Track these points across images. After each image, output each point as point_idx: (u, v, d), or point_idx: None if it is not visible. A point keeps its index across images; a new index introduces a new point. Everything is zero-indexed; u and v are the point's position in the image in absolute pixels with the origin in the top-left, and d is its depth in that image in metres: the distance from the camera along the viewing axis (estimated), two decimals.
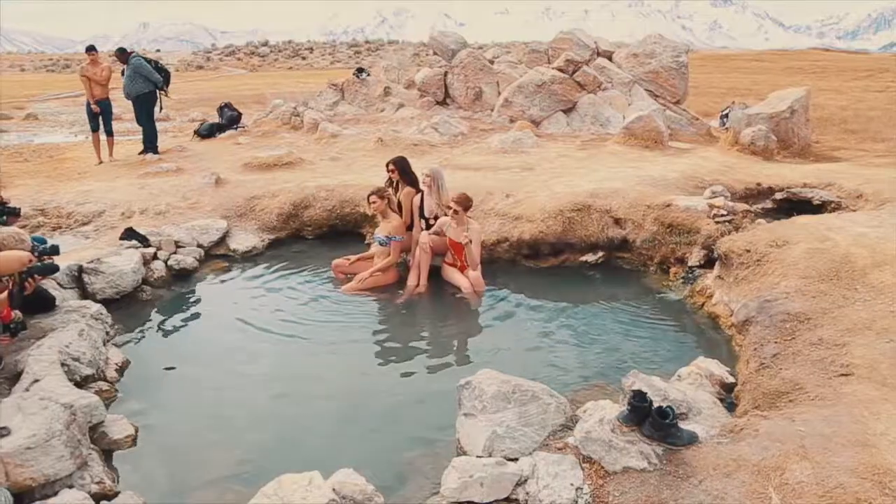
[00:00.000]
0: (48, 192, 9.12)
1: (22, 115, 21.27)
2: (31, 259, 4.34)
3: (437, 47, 14.93)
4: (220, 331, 5.75)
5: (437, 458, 3.80)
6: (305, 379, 4.86)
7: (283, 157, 9.91)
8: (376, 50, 68.77)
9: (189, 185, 8.89)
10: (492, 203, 7.56)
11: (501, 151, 10.26)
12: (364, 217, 7.84)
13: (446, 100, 13.93)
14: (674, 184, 8.09)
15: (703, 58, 41.95)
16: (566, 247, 7.18)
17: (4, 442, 3.24)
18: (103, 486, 3.50)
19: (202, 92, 29.45)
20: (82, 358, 4.55)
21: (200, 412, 4.42)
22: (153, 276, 6.60)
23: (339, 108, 14.18)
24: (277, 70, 56.97)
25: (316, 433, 4.17)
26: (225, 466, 3.82)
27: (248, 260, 7.43)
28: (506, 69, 13.88)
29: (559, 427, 3.64)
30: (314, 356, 5.20)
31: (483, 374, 3.77)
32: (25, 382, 4.03)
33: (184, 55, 73.89)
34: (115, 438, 3.94)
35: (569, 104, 12.59)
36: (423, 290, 6.36)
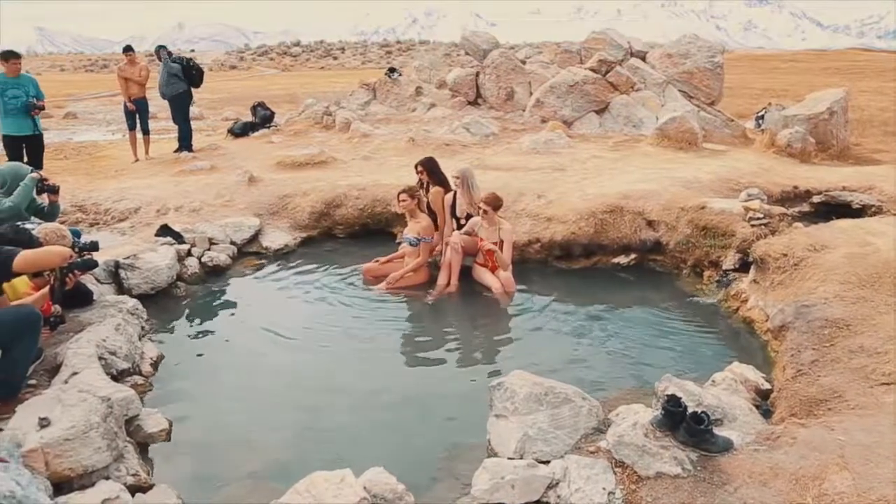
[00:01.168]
0: (87, 188, 9.31)
1: (62, 113, 21.74)
2: (72, 255, 4.42)
3: (468, 47, 14.91)
4: (251, 328, 5.81)
5: (467, 459, 3.78)
6: (336, 377, 4.89)
7: (316, 157, 9.99)
8: (407, 50, 68.98)
9: (223, 183, 9.00)
10: (523, 204, 7.53)
11: (533, 152, 10.22)
12: (395, 216, 7.86)
13: (478, 100, 13.91)
14: (708, 186, 7.98)
15: (737, 58, 41.28)
16: (598, 248, 7.13)
17: (45, 432, 3.31)
18: (138, 478, 3.55)
19: (235, 91, 29.83)
20: (119, 352, 4.63)
21: (232, 408, 4.47)
22: (187, 272, 6.70)
23: (371, 107, 14.24)
24: (309, 70, 57.44)
25: (346, 432, 4.19)
26: (256, 462, 3.85)
27: (280, 258, 7.50)
28: (538, 69, 13.81)
29: (591, 430, 3.61)
30: (345, 355, 5.23)
31: (515, 376, 3.75)
32: (64, 375, 4.11)
33: (217, 55, 74.87)
34: (150, 432, 4.00)
35: (601, 105, 12.48)
36: (453, 291, 6.36)
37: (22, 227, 4.57)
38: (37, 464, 3.21)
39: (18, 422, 3.41)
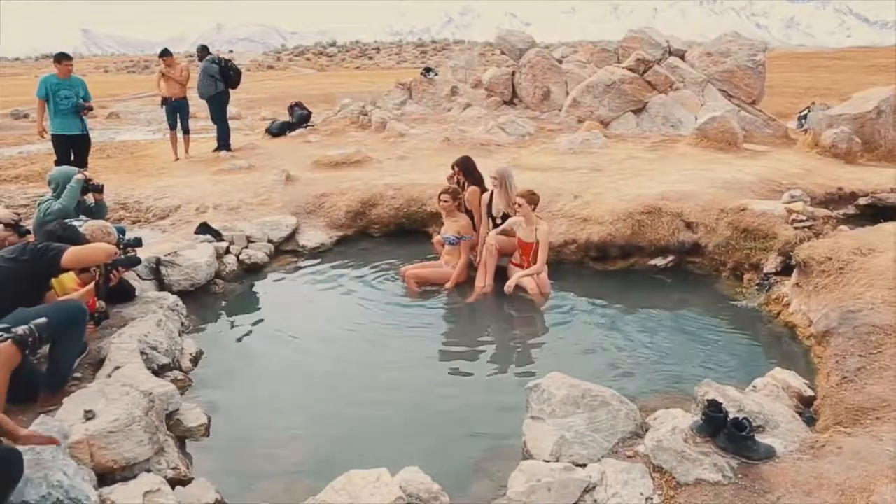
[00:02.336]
0: (129, 187, 9.53)
1: (105, 113, 22.27)
2: (117, 252, 4.53)
3: (504, 47, 14.87)
4: (288, 325, 5.87)
5: (502, 461, 3.77)
6: (371, 376, 4.91)
7: (352, 156, 10.06)
8: (442, 50, 69.12)
9: (260, 181, 9.12)
10: (559, 204, 7.48)
11: (569, 152, 10.14)
12: (431, 216, 7.88)
13: (513, 99, 13.86)
14: (749, 187, 7.83)
15: (779, 56, 40.44)
16: (635, 250, 7.04)
17: (90, 425, 3.38)
18: (178, 471, 3.61)
19: (272, 91, 30.23)
20: (160, 347, 4.71)
21: (269, 404, 4.52)
22: (225, 269, 6.80)
23: (407, 107, 14.29)
24: (345, 70, 57.93)
25: (381, 431, 4.20)
26: (292, 459, 3.89)
27: (316, 256, 7.57)
28: (574, 69, 13.71)
29: (629, 434, 3.56)
30: (380, 354, 5.25)
31: (552, 378, 3.72)
32: (108, 369, 4.20)
33: (255, 55, 75.96)
34: (189, 427, 4.06)
35: (639, 104, 12.34)
36: (489, 291, 6.34)
37: (69, 224, 4.69)
38: (82, 455, 3.28)
39: (65, 414, 3.50)
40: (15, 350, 2.83)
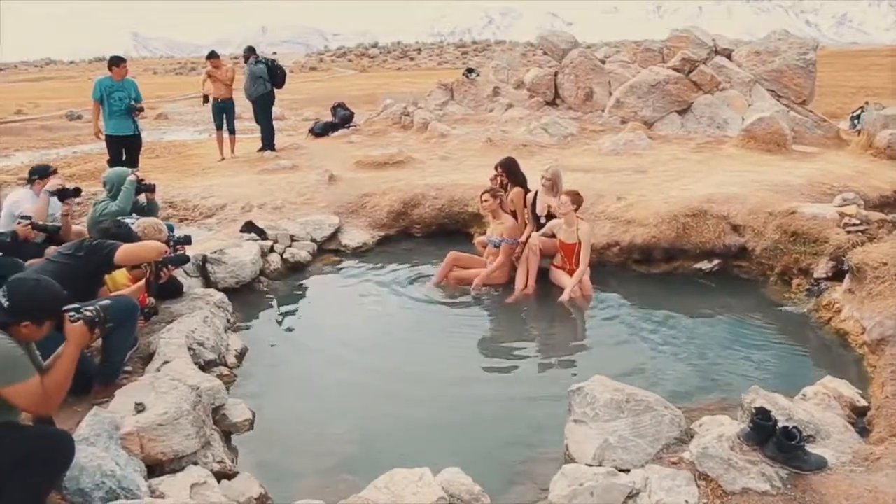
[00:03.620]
0: (177, 185, 9.73)
1: (154, 114, 22.83)
2: (167, 251, 4.64)
3: (547, 47, 14.77)
4: (330, 324, 5.95)
5: (543, 463, 3.76)
6: (412, 376, 4.93)
7: (394, 156, 10.12)
8: (483, 50, 69.03)
9: (304, 181, 9.24)
10: (602, 206, 7.41)
11: (613, 153, 10.03)
12: (473, 217, 7.88)
13: (556, 100, 13.76)
14: (798, 190, 7.63)
15: (830, 55, 39.33)
16: (680, 253, 6.93)
17: (140, 417, 3.47)
18: (224, 465, 3.68)
19: (315, 92, 30.59)
20: (206, 343, 4.80)
21: (312, 402, 4.59)
22: (269, 267, 6.91)
23: (449, 107, 14.30)
24: (386, 70, 58.31)
25: (421, 431, 4.23)
26: (334, 456, 3.93)
27: (358, 255, 7.64)
28: (617, 69, 13.55)
29: (673, 440, 3.51)
30: (421, 354, 5.28)
31: (596, 381, 3.69)
32: (157, 363, 4.30)
33: (298, 57, 77.05)
34: (235, 422, 4.13)
35: (684, 105, 12.12)
36: (530, 293, 6.31)
37: (123, 222, 4.83)
38: (133, 446, 3.37)
39: (117, 406, 3.60)
40: (85, 329, 2.93)
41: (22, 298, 2.71)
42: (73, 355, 2.88)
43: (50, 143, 17.12)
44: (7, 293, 2.70)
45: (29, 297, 2.73)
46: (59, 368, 2.82)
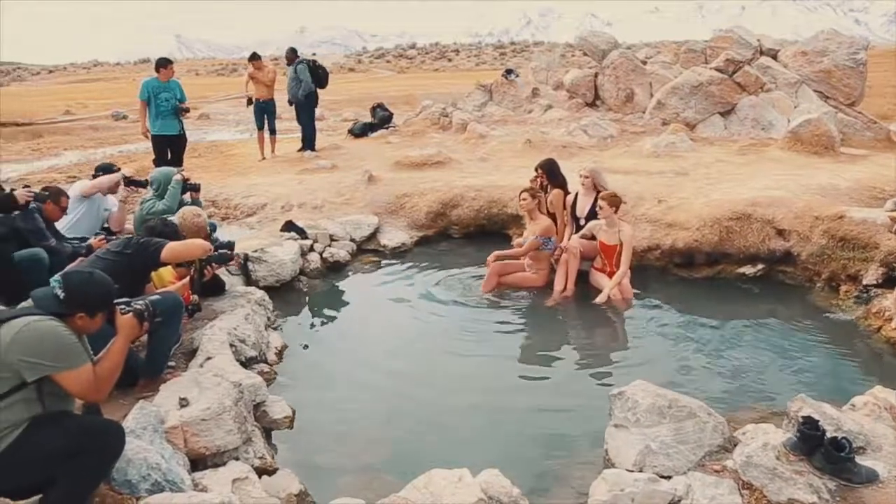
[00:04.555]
0: (219, 184, 9.91)
1: (196, 114, 23.27)
2: (211, 248, 4.73)
3: (586, 48, 14.64)
4: (369, 323, 5.99)
5: (581, 468, 3.73)
6: (450, 378, 4.94)
7: (433, 157, 10.15)
8: (521, 51, 68.87)
9: (343, 181, 9.32)
10: (643, 208, 7.32)
11: (654, 155, 9.90)
12: (511, 218, 7.86)
13: (596, 101, 13.63)
14: (846, 194, 7.44)
15: (881, 54, 38.08)
16: (722, 257, 6.81)
17: (184, 412, 3.54)
18: (264, 461, 3.72)
19: (353, 93, 30.82)
20: (247, 340, 4.87)
21: (351, 400, 4.62)
22: (309, 267, 6.98)
23: (487, 108, 14.27)
24: (424, 71, 58.53)
25: (459, 432, 4.22)
26: (372, 456, 3.95)
27: (397, 256, 7.69)
28: (659, 70, 13.35)
29: (716, 448, 3.44)
30: (459, 355, 5.26)
31: (637, 386, 3.64)
32: (200, 359, 4.38)
33: (337, 58, 77.73)
34: (275, 418, 4.17)
35: (727, 106, 11.89)
36: (569, 295, 6.27)
37: (169, 221, 4.94)
38: (177, 440, 3.44)
39: (161, 400, 3.67)
40: (135, 322, 3.01)
41: (76, 290, 2.79)
42: (122, 346, 2.96)
43: (97, 142, 17.59)
44: (63, 285, 2.78)
45: (83, 289, 2.81)
46: (110, 358, 2.90)
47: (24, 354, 2.59)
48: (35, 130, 20.08)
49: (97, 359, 2.90)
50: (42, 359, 2.61)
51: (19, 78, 79.81)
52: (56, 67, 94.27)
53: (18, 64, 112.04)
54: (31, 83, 68.70)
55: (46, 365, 2.62)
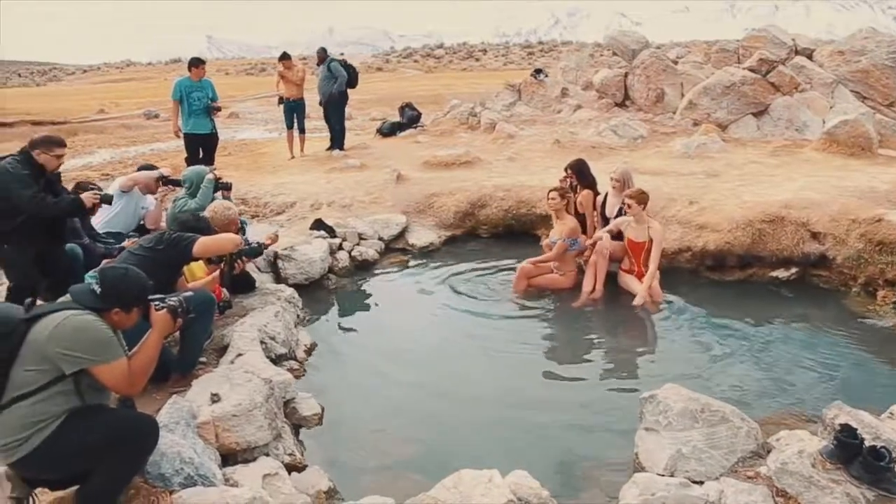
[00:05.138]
0: (248, 183, 10.00)
1: (226, 113, 23.54)
2: (242, 242, 4.77)
3: (616, 47, 14.52)
4: (397, 322, 6.01)
5: (610, 470, 3.70)
6: (478, 378, 4.93)
7: (461, 157, 10.14)
8: (549, 51, 68.53)
9: (372, 180, 9.35)
10: (674, 210, 7.23)
11: (684, 156, 9.78)
12: (540, 218, 7.82)
13: (625, 101, 13.50)
14: (885, 197, 7.25)
15: None
16: (755, 260, 6.70)
17: (216, 407, 3.58)
18: (294, 458, 3.76)
19: (381, 92, 30.93)
20: (277, 337, 4.92)
21: (379, 399, 4.63)
22: (338, 265, 7.02)
23: (516, 108, 14.21)
24: (452, 71, 58.52)
25: (487, 433, 4.20)
26: (401, 454, 3.96)
27: (425, 255, 7.69)
28: (690, 70, 13.18)
29: (749, 454, 3.39)
30: (487, 356, 5.25)
31: (669, 390, 3.60)
32: (231, 356, 4.43)
33: (364, 58, 78.11)
34: (304, 415, 4.22)
35: (760, 107, 11.69)
36: (598, 297, 6.22)
37: (201, 216, 5.00)
38: (208, 435, 3.48)
39: (193, 395, 3.72)
40: (169, 318, 3.06)
41: (113, 286, 2.84)
42: (157, 341, 3.00)
43: (129, 140, 17.88)
44: (99, 280, 2.83)
45: (119, 285, 2.86)
46: (145, 352, 2.94)
47: (62, 347, 2.64)
48: (70, 129, 20.50)
49: (131, 353, 2.95)
50: (79, 351, 2.66)
51: (55, 78, 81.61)
52: (90, 67, 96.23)
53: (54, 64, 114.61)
54: (67, 83, 70.16)
55: (83, 358, 2.67)
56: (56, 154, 4.75)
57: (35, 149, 4.67)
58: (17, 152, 4.73)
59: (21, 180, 4.53)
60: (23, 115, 23.12)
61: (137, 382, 2.89)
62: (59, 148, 4.78)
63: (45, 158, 4.68)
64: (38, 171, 4.65)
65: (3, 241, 4.68)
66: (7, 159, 4.64)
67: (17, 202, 4.53)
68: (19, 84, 72.69)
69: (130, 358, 2.88)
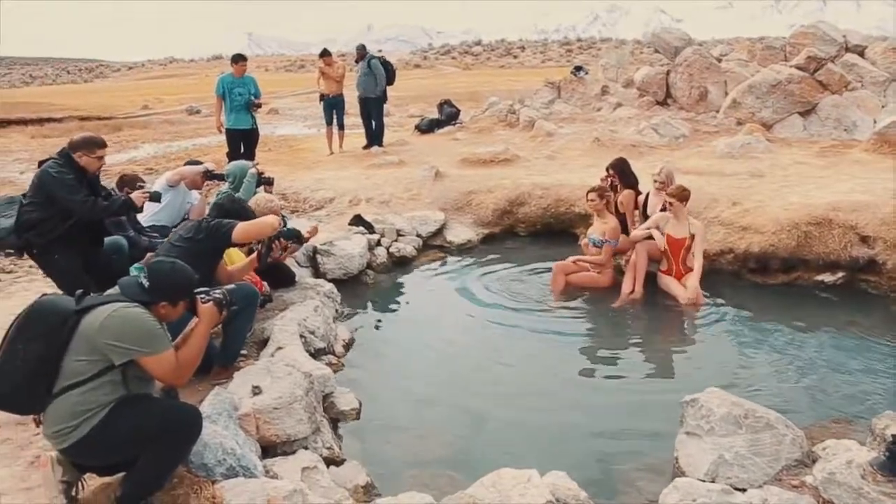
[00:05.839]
0: (288, 178, 10.11)
1: (266, 109, 23.85)
2: (280, 224, 4.78)
3: (658, 45, 14.29)
4: (434, 320, 6.01)
5: (649, 474, 3.65)
6: (514, 377, 4.91)
7: (500, 154, 10.11)
8: (588, 48, 67.84)
9: (410, 177, 9.38)
10: (716, 211, 7.10)
11: (728, 156, 9.59)
12: (579, 217, 7.75)
13: (667, 100, 13.28)
14: None
15: None
16: (800, 263, 6.54)
17: (257, 399, 3.63)
18: (332, 451, 3.79)
19: (419, 89, 30.99)
20: (317, 332, 4.96)
21: (416, 395, 4.64)
22: (376, 261, 7.07)
23: (555, 106, 14.11)
24: (489, 68, 58.29)
25: (524, 433, 4.18)
26: (438, 450, 3.97)
27: (462, 252, 7.69)
28: (735, 67, 12.90)
29: (794, 462, 3.31)
30: (524, 355, 5.23)
31: (712, 394, 3.53)
32: (271, 349, 4.49)
33: (402, 55, 78.35)
34: (343, 410, 4.25)
35: (807, 106, 11.39)
36: (637, 298, 6.14)
37: (237, 197, 5.02)
38: (249, 427, 3.53)
39: (235, 387, 3.78)
40: (216, 310, 3.11)
41: (160, 280, 2.89)
42: (204, 333, 3.06)
43: (172, 135, 18.25)
44: (147, 274, 2.89)
45: (166, 280, 2.92)
46: (193, 344, 3.00)
47: (112, 339, 2.70)
48: (115, 124, 21.01)
49: (176, 344, 3.00)
50: (128, 343, 2.72)
51: (101, 75, 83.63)
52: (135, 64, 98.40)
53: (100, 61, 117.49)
54: (112, 79, 71.88)
55: (132, 349, 2.73)
56: (97, 155, 4.61)
57: (76, 151, 4.53)
58: (57, 155, 4.58)
59: (68, 185, 4.43)
60: (71, 111, 23.76)
61: (185, 373, 2.95)
62: (100, 149, 4.63)
63: (87, 160, 4.55)
64: (80, 174, 4.53)
65: (52, 250, 4.58)
66: (48, 163, 4.52)
67: (68, 207, 4.44)
68: (68, 80, 74.78)
69: (178, 349, 2.94)
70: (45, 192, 4.45)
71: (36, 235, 4.51)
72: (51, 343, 2.71)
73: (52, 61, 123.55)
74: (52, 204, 4.46)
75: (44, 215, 4.47)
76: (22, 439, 3.44)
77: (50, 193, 4.44)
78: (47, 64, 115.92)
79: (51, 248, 4.57)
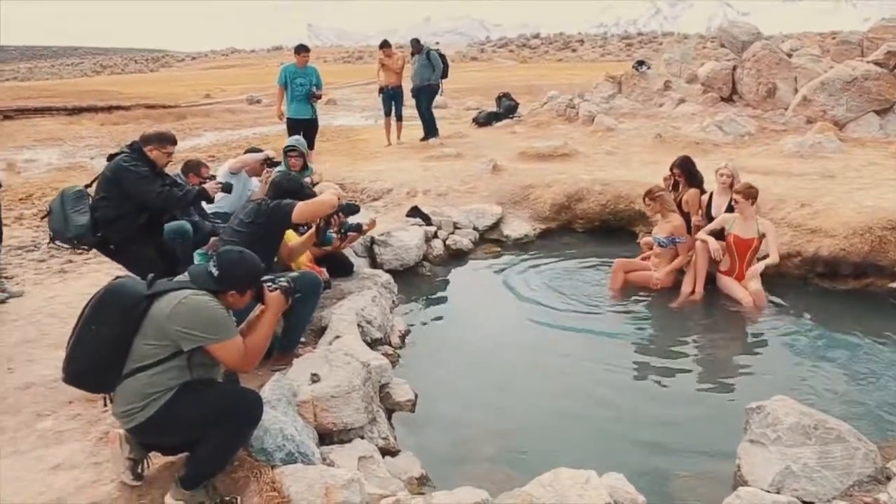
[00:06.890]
0: (346, 168, 10.23)
1: (324, 100, 24.15)
2: (339, 201, 4.78)
3: (725, 39, 13.86)
4: (489, 313, 5.98)
5: (709, 481, 3.56)
6: (571, 376, 4.84)
7: (558, 149, 10.00)
8: (649, 42, 66.46)
9: (468, 170, 9.36)
10: (784, 212, 6.85)
11: (796, 155, 9.24)
12: (638, 215, 7.59)
13: (732, 96, 12.88)
14: None
15: None
16: (873, 269, 6.25)
17: (315, 387, 3.67)
18: (388, 442, 3.81)
19: (475, 82, 30.92)
20: (374, 322, 4.99)
21: (471, 390, 4.63)
22: (432, 253, 7.08)
23: (615, 101, 13.86)
24: (547, 62, 57.76)
25: (581, 433, 4.13)
26: (494, 446, 3.94)
27: (518, 247, 7.64)
28: (806, 63, 12.42)
29: (866, 478, 3.17)
30: (580, 355, 5.14)
31: (779, 402, 3.41)
32: (329, 337, 4.53)
33: (460, 47, 78.27)
34: (398, 401, 4.26)
35: (885, 104, 10.86)
36: (698, 299, 5.98)
37: (292, 176, 5.00)
38: (307, 414, 3.58)
39: (294, 374, 3.83)
40: (283, 298, 3.15)
41: (229, 269, 2.94)
42: (272, 321, 3.11)
43: (233, 124, 18.66)
44: (217, 264, 2.94)
45: (235, 268, 2.96)
46: (260, 331, 3.05)
47: (182, 325, 2.76)
48: (179, 113, 21.61)
49: (241, 331, 3.05)
50: (197, 330, 2.78)
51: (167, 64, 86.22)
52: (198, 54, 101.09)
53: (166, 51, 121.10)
54: (177, 69, 73.96)
55: (201, 336, 2.78)
56: (168, 151, 4.73)
57: (148, 144, 4.62)
58: (128, 148, 4.68)
59: (145, 178, 4.52)
60: (138, 100, 24.56)
61: (252, 360, 3.00)
62: (171, 145, 4.76)
63: (157, 155, 4.65)
64: (152, 166, 4.63)
65: (130, 241, 4.67)
66: (121, 157, 4.58)
67: (143, 200, 4.54)
68: (135, 70, 77.33)
69: (246, 336, 2.98)
70: (119, 187, 4.52)
71: (113, 232, 4.61)
72: (123, 326, 2.79)
73: (121, 51, 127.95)
74: (126, 199, 4.54)
75: (120, 211, 4.56)
76: (91, 415, 3.57)
77: (124, 187, 4.51)
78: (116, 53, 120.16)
79: (127, 242, 4.68)
